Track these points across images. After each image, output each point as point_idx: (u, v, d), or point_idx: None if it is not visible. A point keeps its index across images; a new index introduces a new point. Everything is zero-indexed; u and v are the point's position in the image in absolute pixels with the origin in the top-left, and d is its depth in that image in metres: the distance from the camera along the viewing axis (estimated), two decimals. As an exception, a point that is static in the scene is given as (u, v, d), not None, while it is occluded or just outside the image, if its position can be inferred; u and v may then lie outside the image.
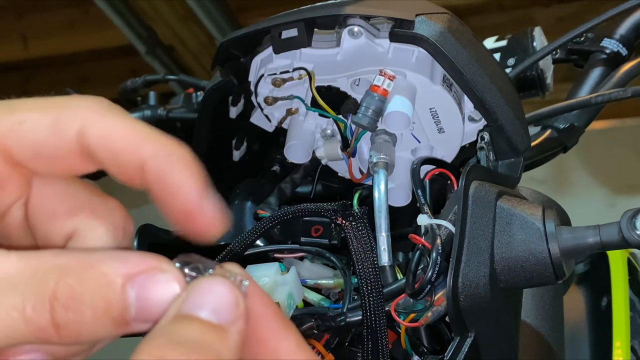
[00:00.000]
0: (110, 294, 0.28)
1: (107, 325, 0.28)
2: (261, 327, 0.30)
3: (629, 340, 0.83)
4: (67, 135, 0.30)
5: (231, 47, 0.65)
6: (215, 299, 0.28)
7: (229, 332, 0.28)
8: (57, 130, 0.30)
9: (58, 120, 0.30)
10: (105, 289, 0.28)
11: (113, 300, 0.28)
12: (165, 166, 0.31)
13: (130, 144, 0.30)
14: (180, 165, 0.31)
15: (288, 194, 0.69)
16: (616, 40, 0.88)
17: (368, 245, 0.57)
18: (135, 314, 0.28)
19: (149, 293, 0.28)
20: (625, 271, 0.90)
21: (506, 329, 0.56)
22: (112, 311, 0.28)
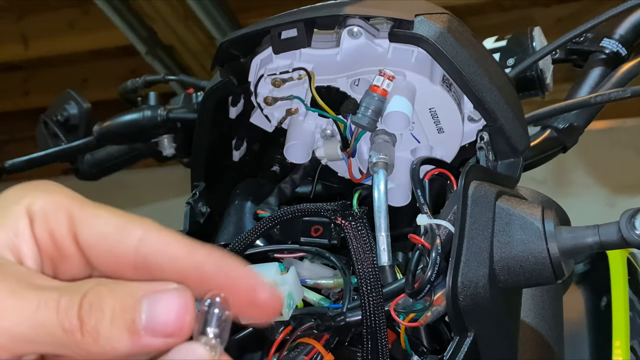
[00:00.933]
0: (128, 301, 0.32)
1: (121, 329, 0.31)
2: None
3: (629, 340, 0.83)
4: (130, 239, 0.34)
5: (231, 47, 0.65)
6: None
7: None
8: (121, 232, 0.35)
9: (123, 226, 0.35)
10: (126, 297, 0.32)
11: (129, 306, 0.32)
12: (224, 264, 0.34)
13: (183, 249, 0.34)
14: (234, 262, 0.35)
15: (288, 194, 0.69)
16: (616, 40, 0.88)
17: (367, 245, 0.57)
18: (145, 323, 0.31)
19: (158, 305, 0.32)
20: (624, 271, 0.90)
21: (506, 328, 0.56)
22: (126, 315, 0.31)
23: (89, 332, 0.32)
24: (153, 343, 0.32)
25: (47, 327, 0.32)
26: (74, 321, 0.32)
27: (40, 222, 0.35)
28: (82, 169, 1.09)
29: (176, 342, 0.32)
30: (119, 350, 0.32)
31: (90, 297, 0.32)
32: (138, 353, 0.32)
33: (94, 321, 0.32)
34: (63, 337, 0.32)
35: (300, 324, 0.57)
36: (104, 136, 0.97)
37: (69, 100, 1.05)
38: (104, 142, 1.00)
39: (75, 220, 0.35)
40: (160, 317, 0.32)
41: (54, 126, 1.04)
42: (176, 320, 0.32)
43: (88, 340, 0.32)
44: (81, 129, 1.04)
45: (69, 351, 0.32)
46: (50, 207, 0.35)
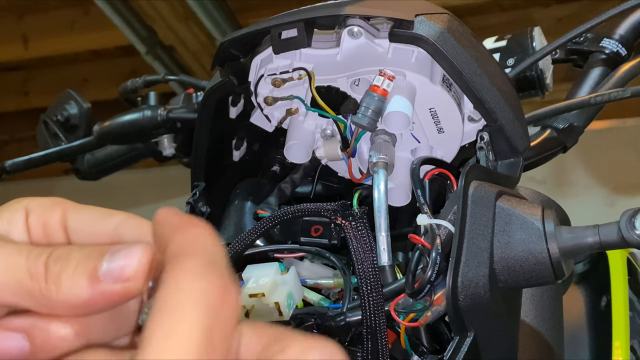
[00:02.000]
0: (93, 253, 0.33)
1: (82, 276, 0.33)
2: None
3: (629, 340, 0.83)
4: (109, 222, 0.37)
5: (231, 47, 0.65)
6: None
7: None
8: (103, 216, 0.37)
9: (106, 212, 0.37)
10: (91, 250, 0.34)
11: (92, 256, 0.33)
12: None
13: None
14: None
15: (288, 194, 0.69)
16: (615, 40, 0.88)
17: (368, 245, 0.57)
18: (105, 268, 0.33)
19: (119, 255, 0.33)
20: (624, 271, 0.90)
21: (506, 328, 0.56)
22: (89, 264, 0.33)
23: (52, 279, 0.33)
24: (111, 289, 0.33)
25: (15, 272, 0.33)
26: (40, 268, 0.33)
27: (35, 215, 0.37)
28: (82, 169, 1.09)
29: (133, 288, 0.33)
30: (79, 297, 0.33)
31: (59, 250, 0.34)
32: (99, 302, 0.33)
33: (58, 269, 0.33)
34: (28, 284, 0.33)
35: (300, 323, 0.57)
36: (104, 136, 0.97)
37: (69, 100, 1.05)
38: (104, 142, 1.00)
39: (67, 213, 0.37)
40: (119, 262, 0.33)
41: (54, 126, 1.04)
42: (133, 265, 0.33)
43: (51, 287, 0.33)
44: (81, 129, 1.04)
45: (34, 301, 0.33)
46: (47, 203, 0.37)
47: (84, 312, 0.34)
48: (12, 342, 0.34)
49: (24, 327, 0.34)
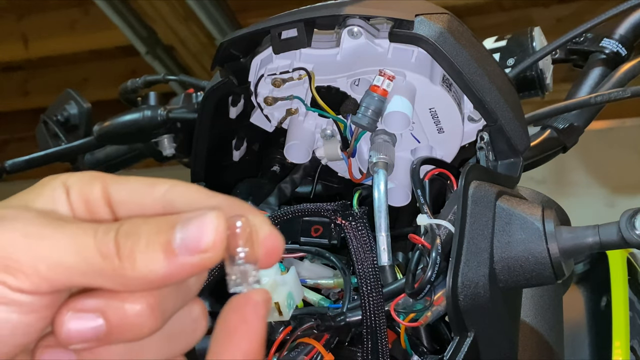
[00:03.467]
0: (163, 225, 0.33)
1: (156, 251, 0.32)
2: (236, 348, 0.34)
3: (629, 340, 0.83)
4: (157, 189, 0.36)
5: (231, 47, 0.65)
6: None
7: None
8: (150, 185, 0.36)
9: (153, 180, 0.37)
10: (161, 223, 0.33)
11: (163, 229, 0.33)
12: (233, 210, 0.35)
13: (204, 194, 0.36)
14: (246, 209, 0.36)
15: (288, 194, 0.69)
16: (615, 40, 0.88)
17: (368, 245, 0.57)
18: (179, 241, 0.32)
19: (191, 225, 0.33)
20: (624, 271, 0.90)
21: (506, 328, 0.56)
22: (161, 237, 0.32)
23: (126, 256, 0.32)
24: (188, 261, 0.32)
25: (84, 252, 0.32)
26: (110, 246, 0.32)
27: (75, 191, 0.36)
28: (82, 169, 1.09)
29: (211, 258, 0.32)
30: (155, 273, 0.32)
31: (126, 226, 0.33)
32: (175, 276, 0.33)
33: (130, 245, 0.32)
34: (101, 263, 0.32)
35: (300, 323, 0.57)
36: (104, 136, 0.97)
37: (69, 100, 1.05)
38: (104, 142, 1.00)
39: (108, 187, 0.36)
40: (193, 233, 0.32)
41: (54, 126, 1.04)
42: (209, 234, 0.32)
43: (125, 265, 0.32)
44: (81, 129, 1.04)
45: (107, 280, 0.33)
46: (86, 178, 0.37)
47: (159, 286, 0.33)
48: (87, 323, 0.33)
49: (97, 306, 0.33)
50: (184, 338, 0.37)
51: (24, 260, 0.32)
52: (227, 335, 0.34)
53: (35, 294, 0.32)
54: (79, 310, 0.33)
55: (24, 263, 0.32)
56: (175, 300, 0.35)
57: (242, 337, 0.33)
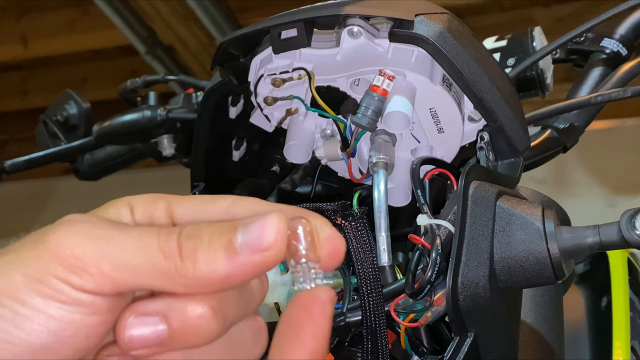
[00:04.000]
0: (225, 227, 0.34)
1: (218, 250, 0.33)
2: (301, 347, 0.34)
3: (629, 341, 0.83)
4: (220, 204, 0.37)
5: (231, 47, 0.65)
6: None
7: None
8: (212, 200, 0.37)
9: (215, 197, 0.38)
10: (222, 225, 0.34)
11: (225, 230, 0.33)
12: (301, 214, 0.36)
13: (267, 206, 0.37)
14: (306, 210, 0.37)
15: (288, 194, 0.69)
16: (616, 40, 0.88)
17: (368, 245, 0.57)
18: (241, 241, 0.33)
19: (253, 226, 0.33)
20: (625, 271, 0.90)
21: (506, 329, 0.56)
22: (223, 238, 0.33)
23: (188, 256, 0.33)
24: (250, 260, 0.33)
25: (147, 253, 0.33)
26: (173, 246, 0.33)
27: (140, 209, 0.37)
28: (82, 169, 1.09)
29: (273, 256, 0.33)
30: (217, 272, 0.33)
31: (188, 228, 0.34)
32: (238, 275, 0.33)
33: (192, 245, 0.33)
34: (163, 263, 0.33)
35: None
36: (104, 136, 0.97)
37: (69, 100, 1.05)
38: (103, 142, 1.00)
39: (172, 204, 0.37)
40: (255, 233, 0.33)
41: (54, 126, 1.04)
42: (271, 233, 0.33)
43: (187, 265, 0.33)
44: (81, 129, 1.04)
45: (169, 281, 0.33)
46: (149, 198, 0.37)
47: (221, 287, 0.33)
48: (149, 326, 0.33)
49: (159, 309, 0.33)
50: (244, 352, 0.37)
51: (89, 259, 0.33)
52: (294, 333, 0.33)
53: (99, 294, 0.33)
54: (141, 314, 0.33)
55: (89, 262, 0.33)
56: (238, 306, 0.35)
57: (309, 335, 0.33)
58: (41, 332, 0.32)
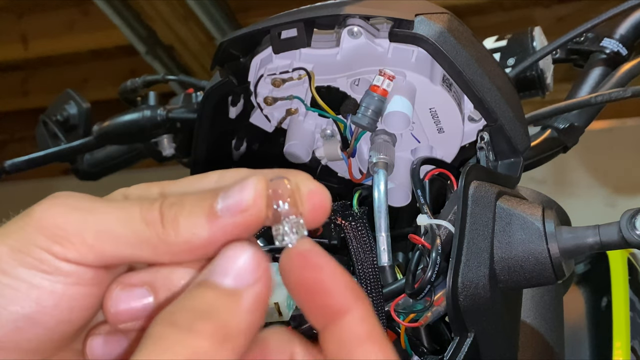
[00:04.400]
0: (206, 194, 0.34)
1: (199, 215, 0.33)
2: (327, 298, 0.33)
3: (629, 341, 0.83)
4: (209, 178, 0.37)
5: (231, 47, 0.65)
6: (234, 264, 0.32)
7: (242, 297, 0.31)
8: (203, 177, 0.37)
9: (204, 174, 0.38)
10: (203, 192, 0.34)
11: (206, 196, 0.33)
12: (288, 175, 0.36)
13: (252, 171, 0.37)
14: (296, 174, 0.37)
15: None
16: (616, 40, 0.88)
17: (368, 245, 0.57)
18: (221, 204, 0.33)
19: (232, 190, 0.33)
20: (625, 271, 0.90)
21: (506, 329, 0.56)
22: (204, 203, 0.33)
23: (170, 223, 0.33)
24: (231, 221, 0.33)
25: (130, 222, 0.33)
26: (155, 213, 0.33)
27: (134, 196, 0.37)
28: (82, 169, 1.09)
29: (253, 216, 0.33)
30: (199, 236, 0.33)
31: (171, 198, 0.34)
32: (219, 238, 0.33)
33: (174, 212, 0.33)
34: (145, 231, 0.33)
35: (300, 324, 0.57)
36: (104, 136, 0.97)
37: (69, 100, 1.05)
38: (103, 142, 1.00)
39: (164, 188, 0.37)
40: (234, 195, 0.33)
41: (54, 126, 1.04)
42: (249, 193, 0.33)
43: (169, 231, 0.33)
44: (81, 129, 1.04)
45: (152, 249, 0.33)
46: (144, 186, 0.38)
47: (204, 252, 0.33)
48: (136, 297, 0.34)
49: (145, 280, 0.34)
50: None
51: (71, 229, 0.33)
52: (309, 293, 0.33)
53: (82, 264, 0.33)
54: (127, 285, 0.34)
55: (71, 232, 0.33)
56: None
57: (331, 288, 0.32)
58: (23, 301, 0.32)
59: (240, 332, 0.31)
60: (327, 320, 0.32)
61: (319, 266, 0.32)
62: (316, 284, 0.32)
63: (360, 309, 0.32)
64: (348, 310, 0.32)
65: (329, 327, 0.32)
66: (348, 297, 0.32)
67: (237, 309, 0.31)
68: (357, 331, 0.32)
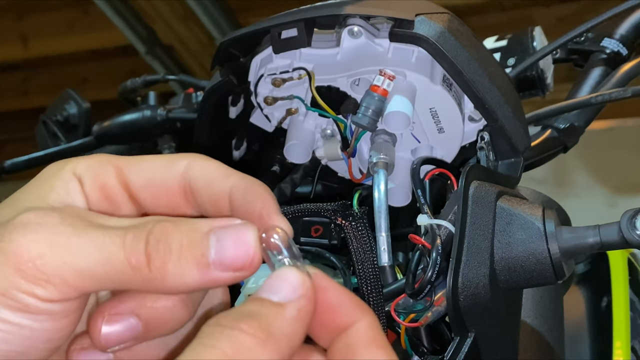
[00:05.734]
0: (195, 236, 0.32)
1: (189, 265, 0.32)
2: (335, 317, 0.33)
3: (629, 341, 0.83)
4: (176, 168, 0.36)
5: (231, 47, 0.65)
6: (281, 283, 0.32)
7: (286, 307, 0.32)
8: (168, 163, 0.36)
9: (170, 158, 0.37)
10: (192, 232, 0.33)
11: (196, 241, 0.32)
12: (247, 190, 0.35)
13: (222, 172, 0.36)
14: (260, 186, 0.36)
15: (288, 194, 0.69)
16: (616, 40, 0.88)
17: (368, 245, 0.57)
18: (214, 257, 0.32)
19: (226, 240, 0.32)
20: (625, 271, 0.90)
21: (506, 329, 0.56)
22: (195, 250, 0.32)
23: (157, 269, 0.32)
24: (222, 277, 0.32)
25: (113, 263, 0.32)
26: (141, 257, 0.32)
27: (89, 180, 0.35)
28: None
29: (244, 275, 0.33)
30: (187, 285, 0.32)
31: (156, 232, 0.32)
32: (208, 287, 0.33)
33: (162, 257, 0.32)
34: (130, 274, 0.32)
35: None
36: (104, 136, 0.97)
37: (69, 100, 1.05)
38: (103, 142, 1.00)
39: (124, 170, 0.36)
40: (229, 250, 0.32)
41: (54, 126, 1.04)
42: (246, 254, 0.32)
43: (156, 276, 0.32)
44: (81, 129, 1.04)
45: (135, 287, 0.33)
46: (96, 164, 0.36)
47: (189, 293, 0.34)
48: (124, 326, 0.33)
49: (130, 309, 0.34)
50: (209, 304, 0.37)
51: (51, 271, 0.32)
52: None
53: (66, 301, 0.33)
54: (114, 315, 0.33)
55: (52, 274, 0.32)
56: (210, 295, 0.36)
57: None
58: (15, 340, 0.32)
59: (283, 335, 0.31)
60: (335, 336, 0.33)
61: (323, 288, 0.33)
62: (323, 305, 0.33)
63: (367, 319, 0.33)
64: (356, 322, 0.33)
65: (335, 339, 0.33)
66: (355, 312, 0.33)
67: (281, 315, 0.31)
68: (364, 336, 0.33)
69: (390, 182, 0.61)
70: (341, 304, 0.33)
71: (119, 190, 0.36)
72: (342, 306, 0.33)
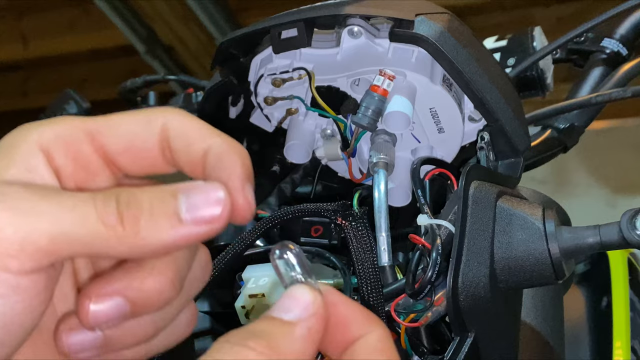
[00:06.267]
0: (164, 194, 0.32)
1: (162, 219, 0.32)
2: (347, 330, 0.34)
3: (629, 341, 0.83)
4: (153, 128, 0.35)
5: (231, 47, 0.65)
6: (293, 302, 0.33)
7: (296, 326, 0.32)
8: (145, 124, 0.35)
9: (147, 118, 0.35)
10: (160, 191, 0.33)
11: (167, 199, 0.32)
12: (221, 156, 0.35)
13: (201, 133, 0.35)
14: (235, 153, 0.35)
15: (288, 194, 0.69)
16: (616, 40, 0.88)
17: (368, 245, 0.57)
18: (185, 211, 0.32)
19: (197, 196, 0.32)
20: (625, 271, 0.90)
21: (506, 329, 0.56)
22: (166, 206, 0.32)
23: (130, 225, 0.32)
24: (196, 231, 0.32)
25: (86, 224, 0.31)
26: (113, 216, 0.31)
27: (61, 152, 0.34)
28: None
29: (217, 229, 0.32)
30: (162, 242, 0.32)
31: (124, 195, 0.32)
32: (182, 244, 0.33)
33: (134, 213, 0.32)
34: (104, 233, 0.31)
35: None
36: (104, 136, 0.96)
37: (68, 100, 1.05)
38: (103, 142, 1.00)
39: (97, 135, 0.35)
40: (200, 204, 0.32)
41: (54, 126, 1.04)
42: (217, 204, 0.32)
43: (129, 233, 0.32)
44: (81, 129, 1.03)
45: (110, 249, 0.32)
46: (66, 132, 0.34)
47: (165, 253, 0.33)
48: (112, 304, 0.33)
49: (118, 289, 0.33)
50: (195, 285, 0.37)
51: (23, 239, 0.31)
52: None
53: (39, 270, 0.32)
54: (100, 296, 0.33)
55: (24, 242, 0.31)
56: (189, 262, 0.35)
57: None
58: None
59: (292, 354, 0.31)
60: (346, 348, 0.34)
61: (334, 303, 0.34)
62: (334, 320, 0.34)
63: (378, 331, 0.34)
64: (366, 334, 0.34)
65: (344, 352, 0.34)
66: (366, 325, 0.34)
67: (290, 334, 0.32)
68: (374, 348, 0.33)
69: (390, 182, 0.61)
70: (352, 319, 0.34)
71: (94, 157, 0.35)
72: (352, 321, 0.34)
